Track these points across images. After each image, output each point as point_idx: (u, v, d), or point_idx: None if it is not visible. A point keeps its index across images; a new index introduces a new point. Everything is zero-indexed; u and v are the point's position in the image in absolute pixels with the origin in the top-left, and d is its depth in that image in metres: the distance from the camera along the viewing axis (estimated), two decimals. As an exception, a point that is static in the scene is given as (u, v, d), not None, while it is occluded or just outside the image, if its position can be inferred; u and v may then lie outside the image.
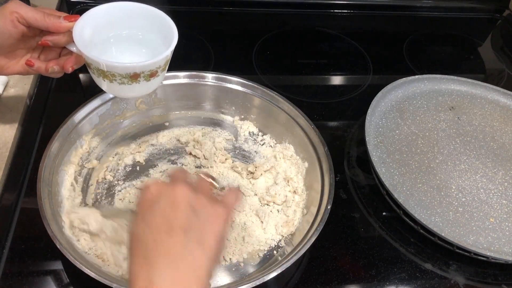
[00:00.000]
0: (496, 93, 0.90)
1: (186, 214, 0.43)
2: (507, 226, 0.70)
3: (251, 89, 0.76)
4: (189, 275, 0.41)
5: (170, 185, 0.46)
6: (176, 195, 0.44)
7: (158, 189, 0.45)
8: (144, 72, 0.57)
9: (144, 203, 0.45)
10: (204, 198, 0.45)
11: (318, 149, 0.69)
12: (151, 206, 0.44)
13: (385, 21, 1.15)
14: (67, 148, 0.67)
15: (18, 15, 0.55)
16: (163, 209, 0.44)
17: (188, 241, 0.42)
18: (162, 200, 0.44)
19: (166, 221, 0.43)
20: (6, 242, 0.62)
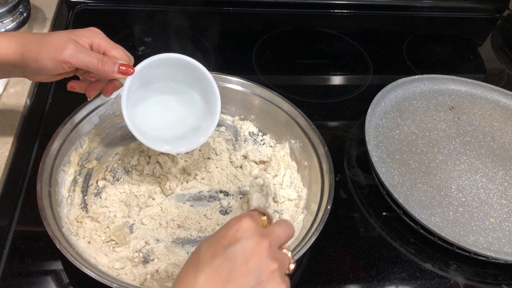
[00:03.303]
0: (496, 93, 0.90)
1: (252, 277, 0.41)
2: (507, 226, 0.70)
3: (251, 89, 0.76)
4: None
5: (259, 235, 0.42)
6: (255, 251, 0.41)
7: (247, 230, 0.42)
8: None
9: (227, 234, 0.43)
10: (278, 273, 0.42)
11: (318, 149, 0.69)
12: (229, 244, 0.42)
13: (385, 21, 1.15)
14: (67, 148, 0.67)
15: (72, 65, 0.55)
16: (236, 256, 0.41)
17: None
18: (240, 246, 0.42)
19: (230, 270, 0.40)
20: (6, 242, 0.62)
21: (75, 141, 0.68)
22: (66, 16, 0.98)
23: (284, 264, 0.44)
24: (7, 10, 0.81)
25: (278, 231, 0.45)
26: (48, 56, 0.54)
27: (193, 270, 0.41)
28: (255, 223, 0.43)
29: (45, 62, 0.54)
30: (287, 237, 0.46)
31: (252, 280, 0.40)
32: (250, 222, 0.43)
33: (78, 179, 0.68)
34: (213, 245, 0.42)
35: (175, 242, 0.65)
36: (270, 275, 0.41)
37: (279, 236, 0.44)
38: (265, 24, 1.08)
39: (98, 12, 1.01)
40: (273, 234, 0.44)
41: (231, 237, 0.42)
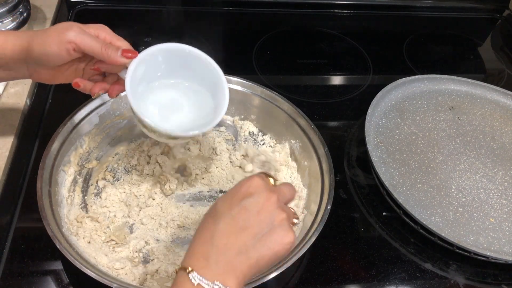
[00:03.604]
0: (496, 93, 0.90)
1: (264, 224, 0.46)
2: (507, 226, 0.70)
3: (251, 89, 0.76)
4: (236, 273, 0.44)
5: (267, 190, 0.48)
6: (267, 203, 0.47)
7: (258, 186, 0.48)
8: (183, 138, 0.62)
9: (240, 190, 0.48)
10: (287, 222, 0.47)
11: (318, 149, 0.69)
12: (243, 197, 0.47)
13: (385, 21, 1.15)
14: (67, 148, 0.67)
15: (76, 45, 0.55)
16: (250, 206, 0.46)
17: (251, 246, 0.45)
18: (253, 199, 0.47)
19: (246, 218, 0.46)
20: (6, 242, 0.62)
21: (75, 141, 0.68)
22: (66, 16, 0.98)
23: (290, 216, 0.49)
24: (7, 10, 0.81)
25: (284, 189, 0.50)
26: (53, 38, 0.55)
27: (213, 219, 0.46)
28: (264, 181, 0.49)
29: (50, 44, 0.55)
30: (292, 195, 0.51)
31: (265, 226, 0.46)
32: (260, 180, 0.48)
33: (78, 179, 0.68)
34: (228, 199, 0.47)
35: (175, 242, 0.65)
36: (280, 223, 0.47)
37: (285, 193, 0.50)
38: (265, 24, 1.08)
39: (98, 12, 1.01)
40: (280, 190, 0.49)
41: (245, 192, 0.47)
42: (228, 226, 0.45)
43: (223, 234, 0.45)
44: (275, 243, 0.46)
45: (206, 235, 0.46)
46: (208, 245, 0.45)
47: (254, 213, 0.46)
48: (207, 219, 0.47)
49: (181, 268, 0.44)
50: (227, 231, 0.45)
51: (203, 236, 0.46)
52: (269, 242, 0.46)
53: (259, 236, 0.45)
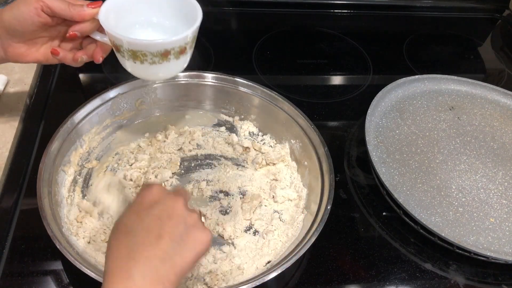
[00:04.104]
0: (496, 93, 0.90)
1: (178, 227, 0.46)
2: (507, 226, 0.70)
3: (251, 89, 0.76)
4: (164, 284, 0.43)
5: (171, 195, 0.48)
6: (175, 207, 0.47)
7: (160, 193, 0.48)
8: (174, 48, 0.57)
9: (143, 200, 0.48)
10: (197, 221, 0.48)
11: (318, 149, 0.69)
12: (150, 207, 0.47)
13: (385, 21, 1.15)
14: (67, 148, 0.67)
15: (44, 4, 0.55)
16: (160, 214, 0.46)
17: (172, 252, 0.44)
18: (161, 206, 0.47)
19: (159, 226, 0.45)
20: (6, 242, 0.62)
21: (75, 141, 0.68)
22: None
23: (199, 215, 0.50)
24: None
25: (182, 191, 0.51)
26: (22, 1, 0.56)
27: (126, 234, 0.45)
28: (162, 188, 0.49)
29: (19, 7, 0.56)
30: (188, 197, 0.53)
31: (181, 229, 0.46)
32: (158, 187, 0.49)
33: (78, 179, 0.68)
34: (136, 213, 0.47)
35: (175, 242, 0.65)
36: (194, 223, 0.48)
37: (185, 195, 0.50)
38: (265, 24, 1.08)
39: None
40: (179, 193, 0.50)
41: (150, 201, 0.47)
42: (144, 238, 0.44)
43: (141, 246, 0.44)
44: (195, 243, 0.46)
45: (121, 252, 0.44)
46: (127, 262, 0.43)
47: (166, 219, 0.46)
48: (118, 235, 0.46)
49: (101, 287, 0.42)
50: (145, 243, 0.44)
51: (119, 253, 0.44)
52: (189, 244, 0.46)
53: (177, 240, 0.45)
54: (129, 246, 0.44)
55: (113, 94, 0.72)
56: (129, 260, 0.43)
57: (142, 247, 0.44)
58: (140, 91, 0.74)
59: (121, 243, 0.45)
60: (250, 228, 0.68)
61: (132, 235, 0.45)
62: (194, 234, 0.47)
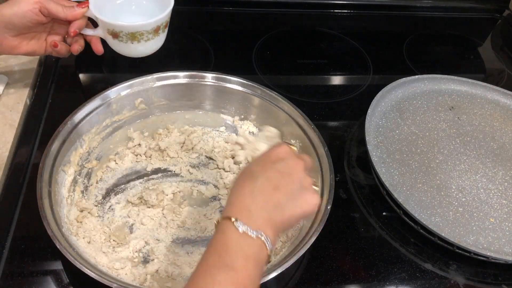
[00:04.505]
0: (496, 93, 0.90)
1: (295, 186, 0.51)
2: (507, 226, 0.70)
3: (251, 89, 0.76)
4: (273, 226, 0.48)
5: (295, 157, 0.53)
6: (295, 167, 0.52)
7: (287, 153, 0.53)
8: (163, 23, 0.74)
9: (272, 154, 0.53)
10: (311, 185, 0.53)
11: (318, 149, 0.69)
12: (275, 161, 0.52)
13: (385, 21, 1.15)
14: (67, 148, 0.67)
15: (42, 5, 0.66)
16: (283, 169, 0.51)
17: (284, 204, 0.49)
18: (284, 163, 0.52)
19: (278, 179, 0.50)
20: (6, 242, 0.62)
21: (75, 141, 0.68)
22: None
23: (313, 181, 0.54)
24: (7, 10, 0.81)
25: (307, 158, 0.55)
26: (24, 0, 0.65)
27: (249, 178, 0.50)
28: (291, 149, 0.54)
29: (20, 4, 0.65)
30: (312, 164, 0.58)
31: (296, 187, 0.50)
32: (287, 147, 0.54)
33: (78, 179, 0.68)
34: (261, 163, 0.52)
35: (175, 242, 0.65)
36: (308, 186, 0.52)
37: (308, 161, 0.55)
38: (265, 24, 1.08)
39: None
40: (304, 158, 0.54)
41: (276, 157, 0.52)
42: (265, 185, 0.49)
43: (261, 191, 0.49)
44: (305, 202, 0.50)
45: (245, 191, 0.49)
46: (248, 200, 0.48)
47: (286, 175, 0.51)
48: (243, 178, 0.51)
49: (224, 218, 0.47)
50: (264, 189, 0.49)
51: (243, 192, 0.49)
52: (299, 201, 0.50)
53: (290, 195, 0.50)
54: (251, 188, 0.49)
55: (113, 94, 0.72)
56: (250, 198, 0.48)
57: (261, 192, 0.49)
58: (140, 91, 0.74)
59: (244, 184, 0.50)
60: (250, 228, 0.68)
61: (255, 180, 0.50)
62: (305, 195, 0.51)
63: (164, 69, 0.79)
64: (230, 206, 0.49)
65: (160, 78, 0.75)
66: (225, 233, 0.46)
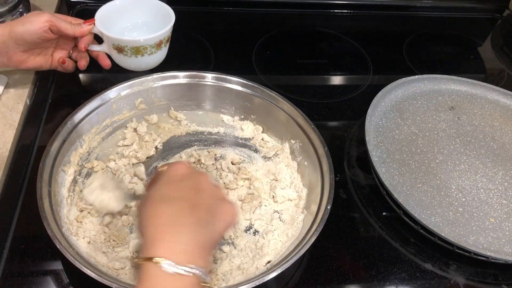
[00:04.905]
0: (496, 93, 0.90)
1: (209, 199, 0.49)
2: (507, 226, 0.70)
3: (251, 89, 0.76)
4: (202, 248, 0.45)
5: (196, 171, 0.53)
6: (202, 181, 0.51)
7: (187, 169, 0.52)
8: (165, 38, 0.78)
9: (173, 174, 0.51)
10: (223, 194, 0.52)
11: (318, 149, 0.69)
12: (181, 180, 0.50)
13: (385, 21, 1.15)
14: (67, 148, 0.67)
15: (52, 23, 0.69)
16: (192, 186, 0.49)
17: (207, 220, 0.47)
18: (191, 179, 0.50)
19: (193, 196, 0.48)
20: (6, 242, 0.62)
21: (75, 141, 0.68)
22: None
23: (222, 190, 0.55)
24: (7, 10, 0.81)
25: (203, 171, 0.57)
26: (34, 17, 0.69)
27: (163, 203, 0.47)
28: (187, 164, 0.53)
29: (31, 22, 0.68)
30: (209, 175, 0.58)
31: (212, 200, 0.49)
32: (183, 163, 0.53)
33: (78, 179, 0.68)
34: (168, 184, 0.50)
35: (175, 242, 0.64)
36: (221, 196, 0.52)
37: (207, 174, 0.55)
38: (265, 24, 1.08)
39: (98, 12, 1.01)
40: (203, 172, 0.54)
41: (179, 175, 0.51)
42: (182, 206, 0.47)
43: (180, 214, 0.46)
44: (225, 214, 0.50)
45: (161, 220, 0.45)
46: (169, 229, 0.45)
47: (198, 191, 0.49)
48: (156, 205, 0.47)
49: (146, 259, 0.43)
50: (183, 211, 0.46)
51: (159, 221, 0.45)
52: (220, 214, 0.49)
53: (209, 211, 0.48)
54: (169, 214, 0.46)
55: (113, 94, 0.72)
56: (170, 226, 0.45)
57: (182, 214, 0.46)
58: (140, 91, 0.74)
59: (160, 211, 0.46)
60: (250, 228, 0.68)
61: (170, 204, 0.47)
62: (223, 206, 0.50)
63: (164, 69, 0.79)
64: (151, 242, 0.44)
65: (160, 78, 0.75)
66: (151, 276, 0.42)
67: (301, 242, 0.59)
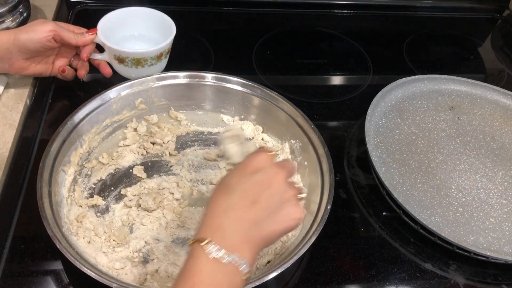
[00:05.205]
0: (496, 93, 0.90)
1: (275, 199, 0.48)
2: (507, 226, 0.70)
3: (251, 89, 0.76)
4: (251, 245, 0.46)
5: (276, 166, 0.50)
6: (276, 178, 0.49)
7: (266, 162, 0.50)
8: (165, 50, 0.77)
9: (249, 165, 0.50)
10: (294, 197, 0.49)
11: (318, 149, 0.69)
12: (253, 172, 0.49)
13: (385, 21, 1.15)
14: (67, 148, 0.67)
15: (56, 33, 0.70)
16: (261, 181, 0.48)
17: (263, 219, 0.47)
18: (264, 174, 0.49)
19: (256, 192, 0.47)
20: (6, 242, 0.62)
21: (75, 141, 0.68)
22: (66, 16, 0.98)
23: (297, 191, 0.50)
24: (7, 10, 0.81)
25: (288, 165, 0.52)
26: (38, 26, 0.70)
27: (225, 193, 0.48)
28: (270, 157, 0.51)
29: (36, 31, 0.69)
30: (294, 171, 0.53)
31: (275, 200, 0.48)
32: (266, 155, 0.51)
33: (78, 179, 0.68)
34: (239, 175, 0.49)
35: (175, 242, 0.65)
36: (289, 198, 0.49)
37: (289, 169, 0.51)
38: (265, 24, 1.08)
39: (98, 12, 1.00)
40: (285, 166, 0.51)
41: (254, 167, 0.49)
42: (241, 200, 0.47)
43: (237, 207, 0.46)
44: (286, 217, 0.48)
45: (219, 208, 0.47)
46: (223, 217, 0.46)
47: (265, 188, 0.48)
48: (219, 193, 0.49)
49: (196, 241, 0.45)
50: (240, 204, 0.47)
51: (217, 209, 0.47)
52: (280, 216, 0.47)
53: (270, 210, 0.47)
54: (226, 205, 0.47)
55: (113, 94, 0.72)
56: (223, 216, 0.46)
57: (237, 208, 0.46)
58: (140, 91, 0.74)
59: (219, 200, 0.48)
60: (250, 228, 0.68)
61: (230, 195, 0.47)
62: (288, 208, 0.48)
63: (164, 69, 0.79)
64: (203, 226, 0.47)
65: (160, 78, 0.75)
66: (197, 259, 0.44)
67: (301, 242, 0.59)
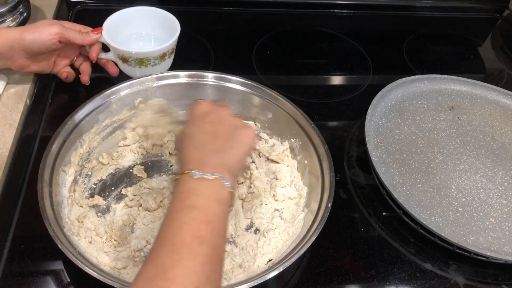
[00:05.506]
0: (496, 93, 0.90)
1: (230, 129, 0.56)
2: (507, 226, 0.70)
3: (251, 89, 0.76)
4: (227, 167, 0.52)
5: (218, 106, 0.60)
6: (223, 114, 0.58)
7: (209, 106, 0.59)
8: (169, 50, 0.79)
9: (197, 113, 0.58)
10: (241, 123, 0.59)
11: (318, 148, 0.69)
12: (203, 117, 0.57)
13: (385, 21, 1.15)
14: (67, 148, 0.67)
15: (61, 34, 0.71)
16: (213, 120, 0.57)
17: (228, 146, 0.54)
18: (212, 114, 0.58)
19: (215, 129, 0.56)
20: (6, 242, 0.62)
21: (75, 141, 0.68)
22: (66, 16, 0.98)
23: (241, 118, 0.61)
24: (7, 10, 0.81)
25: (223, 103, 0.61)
26: (44, 28, 0.70)
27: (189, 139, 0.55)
28: (209, 102, 0.60)
29: (41, 33, 0.70)
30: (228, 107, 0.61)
31: (231, 129, 0.56)
32: (206, 102, 0.60)
33: (78, 179, 0.68)
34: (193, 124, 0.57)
35: (175, 242, 0.64)
36: (240, 124, 0.58)
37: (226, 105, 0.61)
38: (265, 24, 1.08)
39: (98, 12, 1.01)
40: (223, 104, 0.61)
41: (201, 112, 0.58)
42: (206, 139, 0.54)
43: (204, 143, 0.54)
44: (244, 138, 0.56)
45: (190, 149, 0.54)
46: (197, 153, 0.53)
47: (219, 124, 0.57)
48: (183, 141, 0.55)
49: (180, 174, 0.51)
50: (207, 141, 0.54)
51: (188, 148, 0.54)
52: (239, 139, 0.56)
53: (230, 137, 0.55)
54: (195, 146, 0.54)
55: (113, 94, 0.72)
56: (197, 153, 0.53)
57: (205, 144, 0.54)
58: (140, 91, 0.74)
59: (187, 144, 0.55)
60: (251, 227, 0.68)
61: (195, 139, 0.55)
62: (242, 132, 0.57)
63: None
64: (184, 164, 0.52)
65: (160, 77, 0.75)
66: (184, 183, 0.50)
67: (302, 240, 0.59)
